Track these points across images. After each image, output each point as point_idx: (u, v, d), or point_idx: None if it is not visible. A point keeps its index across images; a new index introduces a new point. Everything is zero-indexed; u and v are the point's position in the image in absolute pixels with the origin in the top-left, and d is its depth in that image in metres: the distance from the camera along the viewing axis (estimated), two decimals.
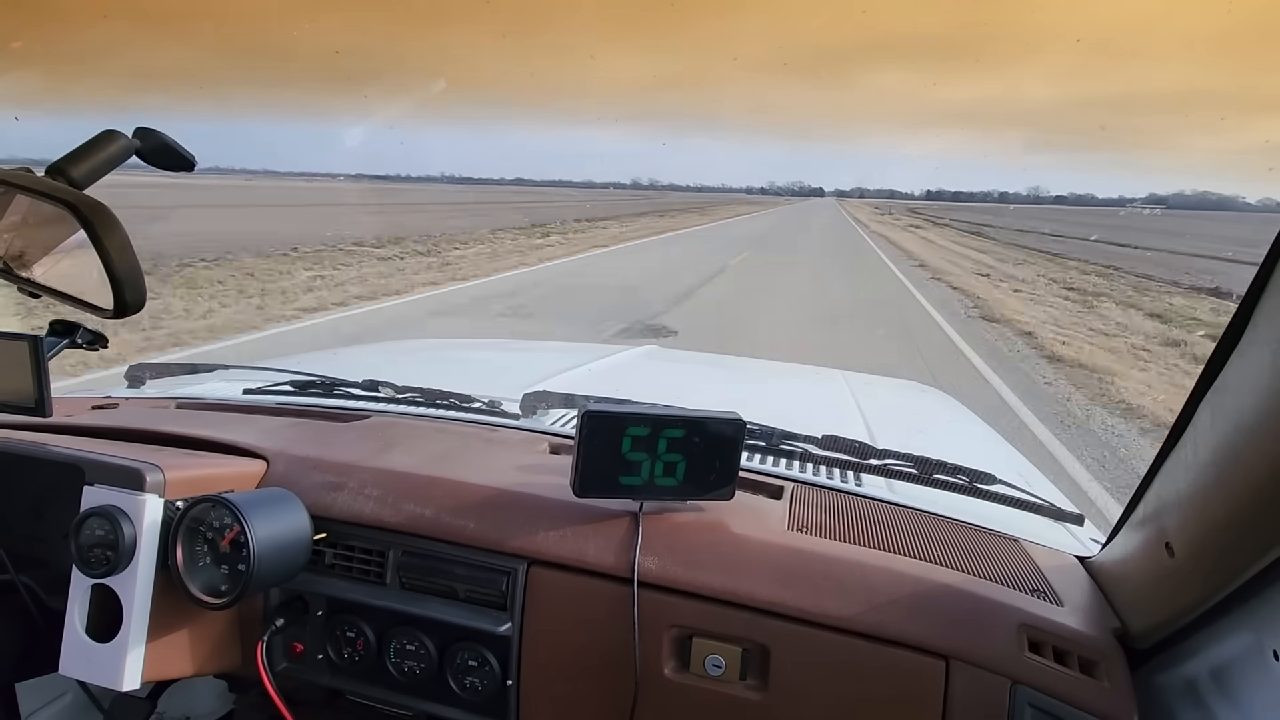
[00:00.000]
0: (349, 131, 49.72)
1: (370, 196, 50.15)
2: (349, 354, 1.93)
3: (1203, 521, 0.57)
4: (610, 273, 13.10)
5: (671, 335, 6.98)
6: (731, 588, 0.75)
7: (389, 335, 6.52)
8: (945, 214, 67.29)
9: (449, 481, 0.87)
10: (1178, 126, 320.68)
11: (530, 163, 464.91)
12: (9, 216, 0.73)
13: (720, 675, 0.75)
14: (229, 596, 0.74)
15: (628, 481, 0.79)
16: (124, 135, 0.75)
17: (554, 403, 1.19)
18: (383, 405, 1.20)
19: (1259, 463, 0.49)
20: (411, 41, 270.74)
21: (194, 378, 1.42)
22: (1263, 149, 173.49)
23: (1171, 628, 0.66)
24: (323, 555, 0.86)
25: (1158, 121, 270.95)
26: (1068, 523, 0.99)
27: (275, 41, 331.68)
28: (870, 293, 11.32)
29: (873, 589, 0.74)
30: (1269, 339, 0.48)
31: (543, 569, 0.80)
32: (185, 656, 0.82)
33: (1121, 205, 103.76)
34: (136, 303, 0.70)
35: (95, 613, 0.77)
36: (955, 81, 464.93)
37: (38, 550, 0.85)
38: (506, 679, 0.79)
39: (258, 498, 0.78)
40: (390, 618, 0.83)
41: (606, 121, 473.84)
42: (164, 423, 1.00)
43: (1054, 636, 0.72)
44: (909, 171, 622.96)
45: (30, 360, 0.82)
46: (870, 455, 1.00)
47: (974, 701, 0.69)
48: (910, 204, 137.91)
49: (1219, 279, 13.82)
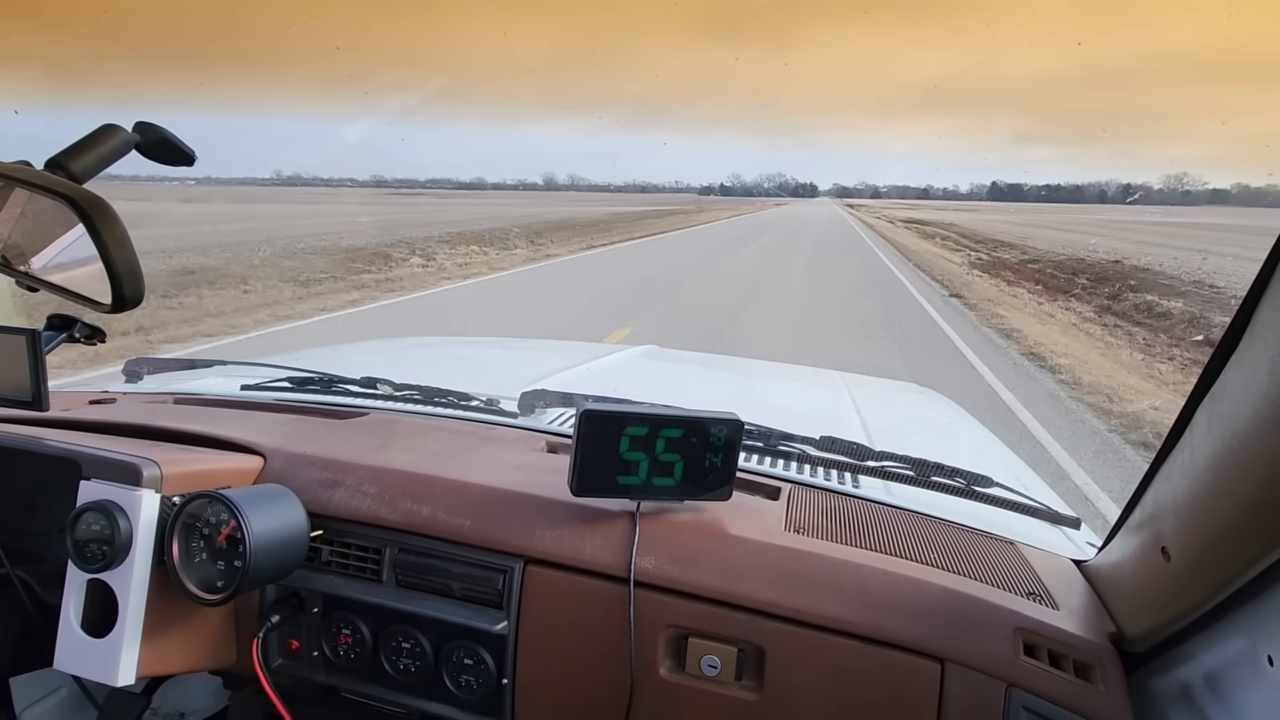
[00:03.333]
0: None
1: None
2: (347, 351, 1.92)
3: (1199, 526, 0.57)
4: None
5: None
6: (728, 588, 0.75)
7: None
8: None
9: (446, 479, 0.87)
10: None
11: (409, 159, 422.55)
12: (8, 210, 0.73)
13: (716, 676, 0.75)
14: (225, 593, 0.74)
15: (625, 481, 0.79)
16: (124, 130, 0.75)
17: (552, 401, 1.19)
18: (381, 402, 1.20)
19: (1256, 468, 0.49)
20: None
21: (191, 373, 1.42)
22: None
23: (1167, 632, 0.67)
24: (319, 552, 0.86)
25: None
26: (1064, 526, 0.99)
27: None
28: None
29: (869, 591, 0.74)
30: (1267, 344, 0.48)
31: (539, 568, 0.80)
32: (180, 652, 0.82)
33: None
34: (135, 297, 0.70)
35: (91, 608, 0.77)
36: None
37: (34, 545, 0.85)
38: (502, 678, 0.79)
39: (254, 494, 0.78)
40: (386, 615, 0.83)
41: (500, 105, 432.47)
42: (161, 418, 1.00)
43: (1049, 640, 0.72)
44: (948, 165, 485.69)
45: (28, 354, 0.82)
46: (868, 457, 1.00)
47: (969, 704, 0.69)
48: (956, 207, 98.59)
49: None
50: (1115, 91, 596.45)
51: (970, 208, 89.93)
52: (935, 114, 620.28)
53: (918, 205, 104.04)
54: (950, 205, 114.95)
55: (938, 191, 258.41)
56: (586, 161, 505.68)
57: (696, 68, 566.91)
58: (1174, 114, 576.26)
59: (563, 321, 8.02)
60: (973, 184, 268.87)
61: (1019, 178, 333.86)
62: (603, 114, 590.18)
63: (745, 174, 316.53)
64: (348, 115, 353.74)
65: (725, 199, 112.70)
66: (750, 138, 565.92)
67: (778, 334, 7.77)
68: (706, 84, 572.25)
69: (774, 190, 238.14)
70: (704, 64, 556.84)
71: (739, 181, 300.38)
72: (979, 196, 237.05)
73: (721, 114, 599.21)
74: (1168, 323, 8.85)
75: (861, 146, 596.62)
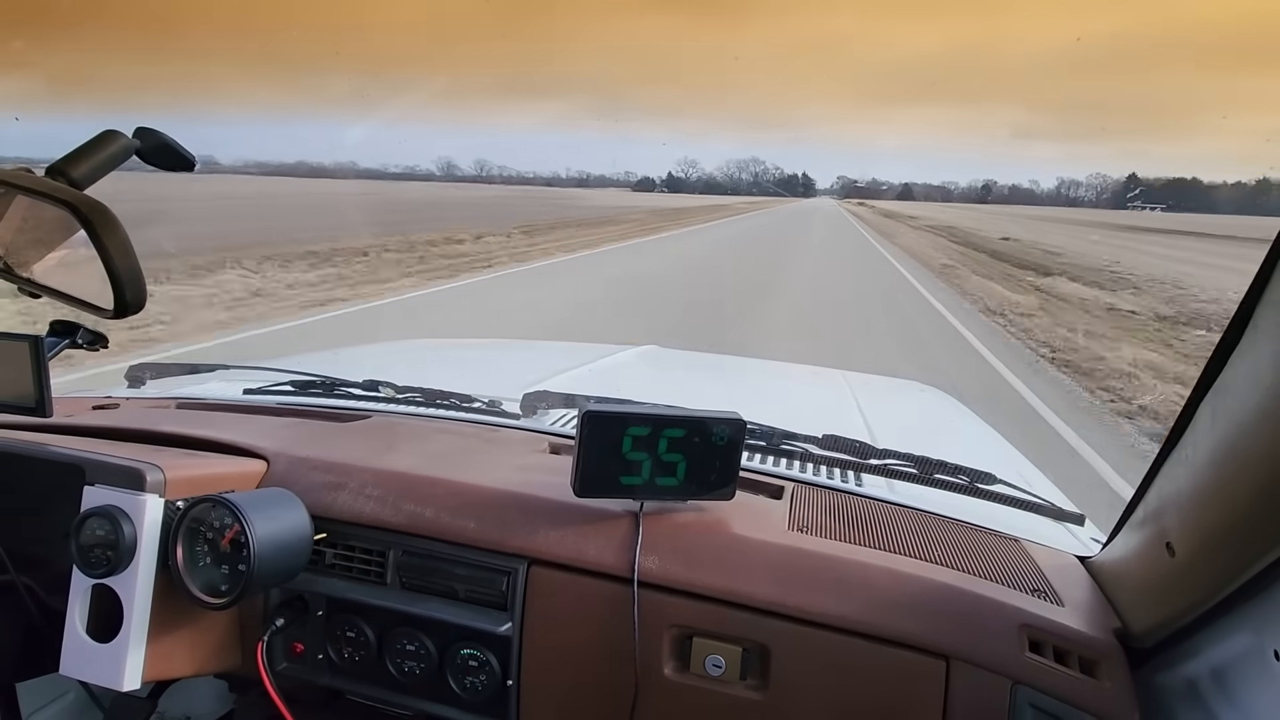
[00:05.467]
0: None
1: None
2: (349, 354, 1.93)
3: (1203, 521, 0.57)
4: None
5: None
6: (732, 587, 0.75)
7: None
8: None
9: (449, 481, 0.87)
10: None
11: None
12: (9, 217, 0.73)
13: (720, 675, 0.75)
14: (229, 596, 0.74)
15: (628, 481, 0.79)
16: (124, 135, 0.75)
17: (554, 403, 1.19)
18: (383, 405, 1.20)
19: (1259, 463, 0.49)
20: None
21: (194, 378, 1.43)
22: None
23: (1172, 627, 0.66)
24: (323, 555, 0.86)
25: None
26: (1068, 522, 0.99)
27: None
28: None
29: (873, 589, 0.74)
30: (1269, 339, 0.48)
31: (543, 569, 0.80)
32: (185, 656, 0.82)
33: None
34: (137, 303, 0.70)
35: (95, 613, 0.77)
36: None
37: (38, 550, 0.85)
38: (507, 679, 0.79)
39: (258, 498, 0.78)
40: (390, 618, 0.83)
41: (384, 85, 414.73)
42: (164, 423, 1.00)
43: (1055, 636, 0.72)
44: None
45: (30, 360, 0.82)
46: (871, 455, 1.00)
47: (974, 701, 0.69)
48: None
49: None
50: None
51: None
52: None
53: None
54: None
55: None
56: (502, 146, 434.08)
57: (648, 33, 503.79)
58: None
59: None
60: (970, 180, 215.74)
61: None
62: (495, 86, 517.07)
63: (705, 161, 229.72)
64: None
65: (676, 201, 67.41)
66: (721, 119, 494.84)
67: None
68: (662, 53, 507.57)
69: (771, 186, 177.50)
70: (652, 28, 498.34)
71: (693, 173, 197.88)
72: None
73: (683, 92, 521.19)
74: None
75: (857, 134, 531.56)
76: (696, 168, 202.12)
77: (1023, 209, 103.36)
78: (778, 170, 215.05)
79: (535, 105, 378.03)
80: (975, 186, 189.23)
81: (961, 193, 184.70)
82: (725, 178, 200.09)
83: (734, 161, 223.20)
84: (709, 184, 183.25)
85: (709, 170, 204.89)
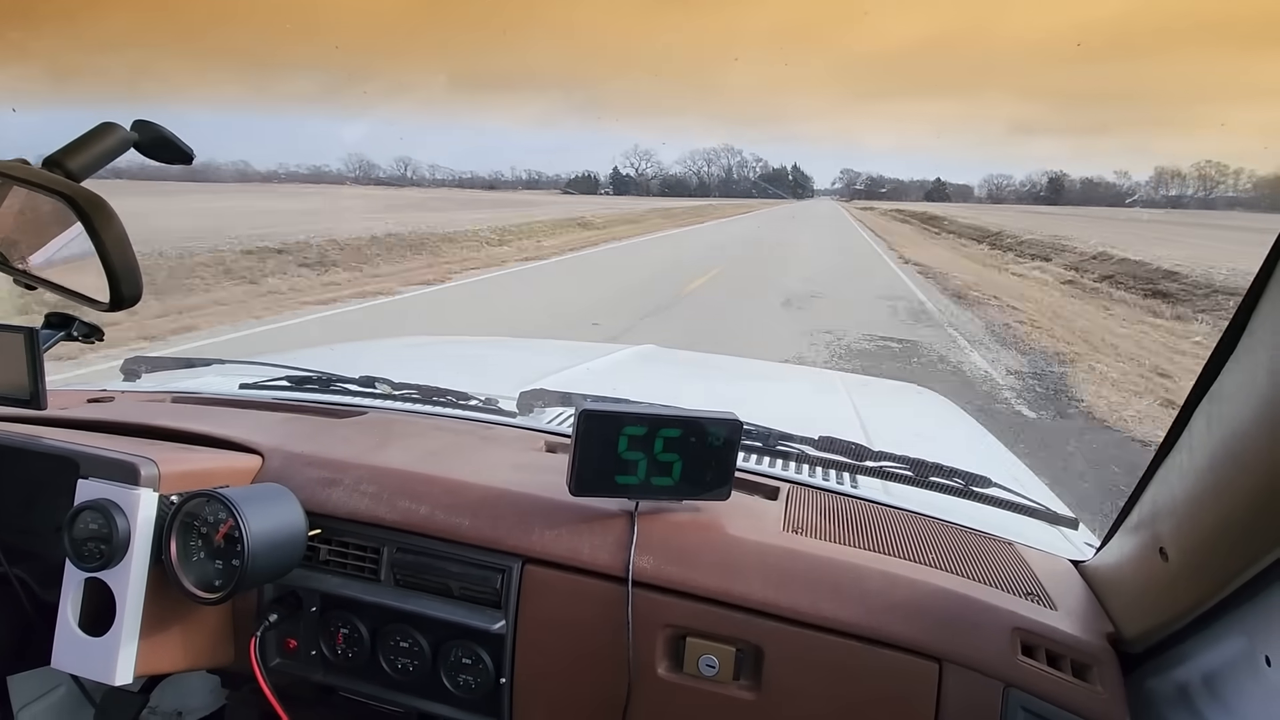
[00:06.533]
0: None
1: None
2: (346, 350, 1.92)
3: (1197, 527, 0.57)
4: None
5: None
6: (726, 588, 0.75)
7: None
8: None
9: (444, 479, 0.87)
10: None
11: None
12: (6, 209, 0.73)
13: (714, 675, 0.75)
14: (223, 591, 0.74)
15: (624, 481, 0.79)
16: (122, 128, 0.75)
17: (551, 401, 1.19)
18: (379, 401, 1.20)
19: (1254, 469, 0.49)
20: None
21: (189, 372, 1.42)
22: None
23: (1165, 632, 0.67)
24: (317, 551, 0.86)
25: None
26: (1062, 526, 0.99)
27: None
28: None
29: (867, 591, 0.74)
30: (1265, 346, 0.48)
31: (537, 567, 0.80)
32: (178, 651, 0.82)
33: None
34: (133, 296, 0.70)
35: (88, 606, 0.76)
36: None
37: (31, 543, 0.85)
38: (500, 677, 0.79)
39: (253, 493, 0.78)
40: (384, 614, 0.83)
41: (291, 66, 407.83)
42: (159, 417, 1.00)
43: (1047, 640, 0.72)
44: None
45: (25, 352, 0.82)
46: (866, 457, 1.00)
47: (967, 704, 0.70)
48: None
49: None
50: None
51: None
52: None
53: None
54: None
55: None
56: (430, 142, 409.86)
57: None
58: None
59: None
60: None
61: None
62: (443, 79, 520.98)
63: (663, 154, 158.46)
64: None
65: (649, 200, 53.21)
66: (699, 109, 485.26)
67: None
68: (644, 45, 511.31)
69: (723, 184, 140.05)
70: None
71: (641, 170, 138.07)
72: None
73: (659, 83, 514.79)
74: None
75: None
76: (650, 160, 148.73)
77: (1106, 210, 66.75)
78: (760, 163, 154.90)
79: (483, 99, 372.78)
80: (1036, 182, 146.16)
81: (1015, 191, 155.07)
82: (690, 173, 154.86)
83: (701, 153, 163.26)
84: (668, 182, 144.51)
85: (666, 164, 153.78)
